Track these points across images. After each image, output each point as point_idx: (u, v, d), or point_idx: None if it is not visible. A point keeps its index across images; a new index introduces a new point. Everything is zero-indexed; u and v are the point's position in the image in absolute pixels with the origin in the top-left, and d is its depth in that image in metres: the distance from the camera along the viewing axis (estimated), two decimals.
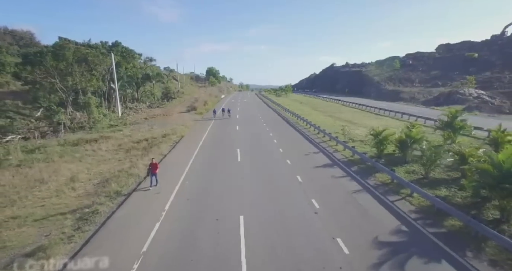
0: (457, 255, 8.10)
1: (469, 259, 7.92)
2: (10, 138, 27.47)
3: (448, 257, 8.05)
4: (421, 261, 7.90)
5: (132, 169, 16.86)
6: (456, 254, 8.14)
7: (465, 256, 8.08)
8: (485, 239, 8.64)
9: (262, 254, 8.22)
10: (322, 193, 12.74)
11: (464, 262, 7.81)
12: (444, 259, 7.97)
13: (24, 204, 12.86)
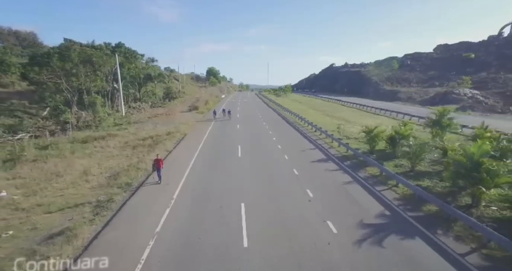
0: (429, 233, 9.37)
1: (438, 236, 9.20)
2: (21, 136, 28.70)
3: (421, 235, 9.32)
4: (398, 237, 9.17)
5: (140, 164, 18.10)
6: (428, 232, 9.42)
7: (436, 233, 9.36)
8: (455, 220, 9.90)
9: (261, 234, 9.46)
10: (316, 184, 14.01)
11: (433, 238, 9.08)
12: (417, 236, 9.24)
13: (45, 194, 14.13)
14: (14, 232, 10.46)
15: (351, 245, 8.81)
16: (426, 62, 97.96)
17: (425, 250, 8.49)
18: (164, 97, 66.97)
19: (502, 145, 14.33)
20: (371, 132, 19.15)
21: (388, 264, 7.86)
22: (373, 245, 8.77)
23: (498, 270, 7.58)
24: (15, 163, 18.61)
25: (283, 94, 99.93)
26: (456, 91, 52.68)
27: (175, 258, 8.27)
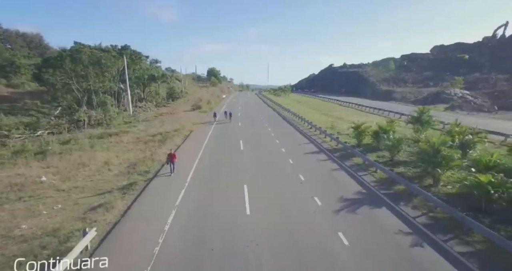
0: (393, 204, 11.84)
1: (400, 206, 11.67)
2: (40, 133, 31.22)
3: (388, 205, 11.79)
4: (369, 207, 11.63)
5: (154, 155, 20.56)
6: (393, 204, 11.88)
7: (399, 204, 11.83)
8: (416, 195, 12.37)
9: (260, 207, 11.89)
10: (307, 170, 16.46)
11: (396, 207, 11.55)
12: (384, 206, 11.71)
13: (77, 179, 16.58)
14: (62, 206, 12.93)
15: (331, 212, 11.27)
16: (422, 63, 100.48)
17: (388, 215, 10.96)
18: (167, 97, 69.44)
19: (466, 139, 16.80)
20: (358, 128, 21.62)
21: (358, 223, 10.32)
22: (348, 212, 11.23)
23: (435, 225, 10.07)
24: (44, 156, 21.09)
25: (283, 94, 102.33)
26: (447, 91, 55.15)
27: (193, 223, 10.71)
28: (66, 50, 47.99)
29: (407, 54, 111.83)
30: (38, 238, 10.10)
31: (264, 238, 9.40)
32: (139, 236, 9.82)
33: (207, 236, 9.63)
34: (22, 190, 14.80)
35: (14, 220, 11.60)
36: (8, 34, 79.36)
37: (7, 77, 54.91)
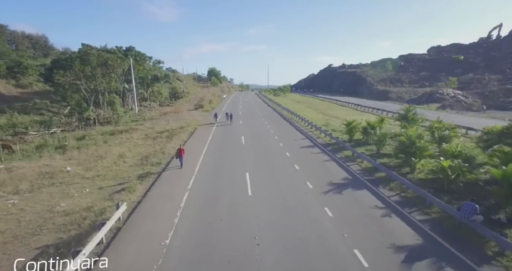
0: (373, 187, 13.96)
1: (379, 188, 13.80)
2: (54, 130, 33.34)
3: (368, 188, 13.91)
4: (352, 190, 13.74)
5: (164, 149, 22.68)
6: (373, 187, 14.00)
7: (378, 187, 13.95)
8: (393, 180, 14.48)
9: (260, 189, 13.99)
10: (302, 161, 18.57)
11: (375, 190, 13.67)
12: (365, 189, 13.82)
13: (97, 169, 18.69)
14: (89, 190, 15.05)
15: (320, 193, 13.38)
16: (418, 63, 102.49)
17: (367, 195, 13.08)
18: (170, 97, 71.55)
19: (444, 133, 18.93)
20: (350, 125, 23.72)
21: (341, 201, 12.43)
22: (334, 193, 13.35)
23: (404, 202, 12.20)
24: (64, 150, 23.22)
25: (282, 94, 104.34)
26: (440, 91, 57.25)
27: (205, 201, 12.80)
28: (74, 52, 50.05)
29: (405, 55, 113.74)
30: (76, 212, 12.21)
31: (264, 212, 11.50)
32: (160, 211, 11.93)
33: (217, 211, 11.72)
34: (52, 177, 16.94)
35: (53, 200, 13.74)
36: (15, 36, 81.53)
37: (15, 77, 57.02)
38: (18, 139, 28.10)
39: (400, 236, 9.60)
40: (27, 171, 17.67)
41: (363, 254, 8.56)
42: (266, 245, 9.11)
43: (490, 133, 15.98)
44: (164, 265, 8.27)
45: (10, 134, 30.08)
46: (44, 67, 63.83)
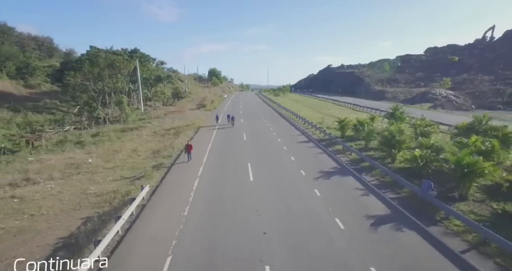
0: (357, 174, 16.29)
1: (363, 175, 16.13)
2: (67, 128, 35.68)
3: (353, 175, 16.24)
4: (339, 176, 16.08)
5: (173, 144, 24.98)
6: (358, 174, 16.33)
7: (361, 174, 16.29)
8: (375, 169, 16.81)
9: (260, 176, 16.29)
10: (298, 154, 20.89)
11: (359, 176, 16.00)
12: (350, 176, 16.16)
13: (115, 161, 21.00)
14: (112, 178, 17.37)
15: (311, 179, 15.71)
16: (415, 64, 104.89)
17: (351, 180, 15.41)
18: (173, 97, 73.86)
19: (424, 129, 21.27)
20: (342, 122, 26.04)
21: (329, 185, 14.75)
22: (324, 179, 15.68)
23: (381, 185, 14.54)
24: (83, 145, 25.54)
25: (282, 94, 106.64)
26: (433, 91, 59.58)
27: (213, 186, 15.08)
28: (83, 54, 52.35)
29: (402, 56, 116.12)
30: (105, 194, 14.54)
31: (263, 193, 13.80)
32: (176, 192, 14.24)
33: (223, 192, 14.03)
34: (78, 168, 19.28)
35: (83, 185, 16.08)
36: (22, 37, 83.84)
37: (24, 78, 59.35)
38: (37, 136, 30.40)
39: (373, 209, 11.93)
40: (55, 162, 20.02)
41: (342, 221, 10.88)
42: (265, 216, 11.43)
43: (459, 128, 18.31)
44: (184, 228, 10.58)
45: (29, 132, 32.39)
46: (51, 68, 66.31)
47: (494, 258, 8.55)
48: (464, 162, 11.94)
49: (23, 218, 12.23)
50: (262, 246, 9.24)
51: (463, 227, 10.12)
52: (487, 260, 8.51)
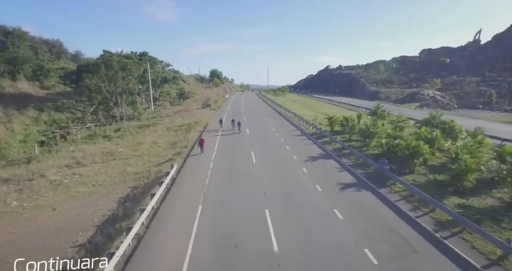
0: (338, 158, 20.66)
1: (341, 159, 20.50)
2: (89, 125, 40.07)
3: (335, 159, 20.61)
4: (323, 160, 20.44)
5: (186, 137, 29.33)
6: (338, 158, 20.71)
7: (341, 158, 20.66)
8: (352, 154, 21.17)
9: (262, 160, 20.64)
10: (292, 144, 25.24)
11: (339, 159, 20.37)
12: (332, 159, 20.53)
13: (141, 151, 25.33)
14: (142, 162, 21.72)
15: (301, 161, 20.06)
16: (409, 65, 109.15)
17: (332, 162, 19.78)
18: (178, 97, 78.26)
19: (399, 124, 25.64)
20: (331, 119, 30.41)
21: (314, 165, 19.10)
22: (311, 161, 20.04)
23: (354, 165, 18.91)
24: (109, 138, 29.90)
25: (281, 94, 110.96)
26: (422, 92, 63.91)
27: (224, 166, 19.42)
28: (98, 58, 56.74)
29: (397, 57, 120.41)
30: (141, 173, 18.91)
31: (263, 171, 18.12)
32: (197, 170, 18.56)
33: (233, 171, 18.35)
34: (112, 155, 23.63)
35: (121, 167, 20.44)
36: (34, 41, 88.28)
37: (39, 80, 63.69)
38: (65, 132, 34.78)
39: (345, 179, 16.29)
40: (92, 151, 24.38)
41: (320, 186, 15.23)
42: (265, 184, 15.77)
43: (420, 122, 22.65)
44: (207, 191, 14.89)
45: (56, 128, 36.76)
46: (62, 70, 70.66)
47: (413, 203, 12.95)
48: (410, 145, 16.30)
49: (88, 187, 16.63)
50: (263, 200, 13.58)
51: (402, 188, 14.49)
52: (408, 204, 12.91)
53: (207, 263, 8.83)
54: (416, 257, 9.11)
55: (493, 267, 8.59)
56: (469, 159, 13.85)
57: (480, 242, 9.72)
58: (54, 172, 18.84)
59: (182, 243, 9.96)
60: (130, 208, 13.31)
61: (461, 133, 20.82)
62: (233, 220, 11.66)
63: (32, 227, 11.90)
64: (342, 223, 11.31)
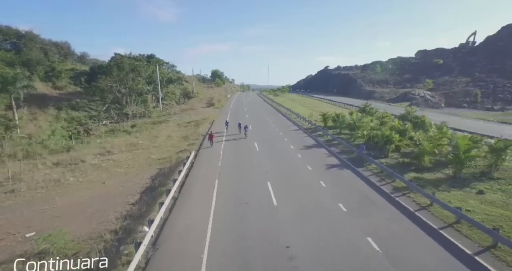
0: (328, 147, 24.55)
1: (331, 148, 24.39)
2: (105, 122, 43.96)
3: (325, 147, 24.50)
4: (315, 148, 24.34)
5: (197, 132, 33.21)
6: (328, 147, 24.60)
7: (330, 147, 24.56)
8: (340, 144, 25.05)
9: (263, 149, 24.52)
10: (289, 137, 29.12)
11: (328, 148, 24.25)
12: (323, 148, 24.43)
13: (158, 142, 29.20)
14: (162, 151, 25.60)
15: (297, 149, 23.95)
16: (405, 66, 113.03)
17: (322, 150, 23.66)
18: (183, 97, 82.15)
19: (383, 119, 29.53)
20: (324, 115, 34.29)
21: (308, 152, 22.97)
22: (305, 149, 23.93)
23: (341, 152, 22.82)
24: (129, 132, 33.79)
25: (281, 94, 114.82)
26: (413, 92, 67.77)
27: (232, 154, 23.31)
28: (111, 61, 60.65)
29: (393, 58, 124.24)
30: (164, 159, 22.81)
31: (265, 157, 21.97)
32: (211, 157, 22.43)
33: (241, 157, 22.20)
34: (135, 146, 27.51)
35: (145, 155, 24.32)
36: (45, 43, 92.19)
37: (51, 81, 67.57)
38: (86, 128, 38.67)
39: (331, 162, 20.16)
40: (117, 143, 28.30)
41: (311, 167, 19.08)
42: (267, 166, 19.64)
43: (398, 117, 26.54)
44: (220, 171, 18.73)
45: (77, 125, 40.66)
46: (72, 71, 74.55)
47: (381, 176, 16.87)
48: (385, 135, 20.18)
49: (123, 168, 20.55)
50: (265, 176, 17.44)
51: (375, 168, 18.38)
52: (377, 177, 16.83)
53: (227, 214, 12.64)
54: (374, 207, 12.98)
55: (422, 210, 12.47)
56: (427, 144, 17.73)
57: (419, 197, 13.59)
58: (91, 158, 22.76)
59: (207, 202, 13.80)
60: (162, 182, 17.20)
61: (431, 126, 24.76)
62: (243, 188, 15.52)
63: (93, 193, 15.82)
64: (325, 189, 15.19)
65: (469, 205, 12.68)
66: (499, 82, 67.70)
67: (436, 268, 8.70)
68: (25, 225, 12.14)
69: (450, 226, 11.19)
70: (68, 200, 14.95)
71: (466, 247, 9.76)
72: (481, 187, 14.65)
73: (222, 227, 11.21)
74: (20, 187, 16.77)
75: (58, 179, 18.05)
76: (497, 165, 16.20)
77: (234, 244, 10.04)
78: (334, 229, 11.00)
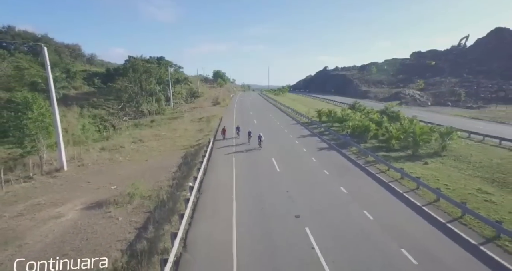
0: (321, 136, 29.95)
1: (323, 137, 29.79)
2: (125, 118, 49.31)
3: (318, 137, 29.91)
4: (310, 137, 29.74)
5: (210, 125, 38.57)
6: (321, 136, 30.00)
7: (322, 136, 29.96)
8: (330, 134, 30.45)
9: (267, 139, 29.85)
10: (289, 129, 34.50)
11: (321, 137, 29.65)
12: (316, 137, 29.84)
13: (179, 134, 34.54)
14: (183, 140, 30.95)
15: (295, 138, 29.34)
16: (399, 67, 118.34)
17: (316, 138, 29.08)
18: (190, 96, 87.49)
19: (369, 114, 34.93)
20: (319, 111, 39.71)
21: (304, 140, 28.35)
22: (302, 138, 29.33)
23: (330, 140, 28.20)
24: (151, 126, 39.16)
25: (281, 93, 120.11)
26: (404, 92, 73.14)
27: (242, 142, 28.67)
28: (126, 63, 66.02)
29: (389, 59, 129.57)
30: (186, 145, 28.21)
31: (269, 144, 27.32)
32: (226, 144, 27.76)
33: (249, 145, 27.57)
34: (159, 136, 32.86)
35: (170, 143, 29.66)
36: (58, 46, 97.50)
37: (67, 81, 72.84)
38: (110, 123, 44.00)
39: (322, 146, 25.55)
40: (144, 134, 33.68)
41: (306, 149, 24.45)
42: (271, 149, 24.98)
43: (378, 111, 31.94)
44: (235, 154, 24.11)
45: (102, 121, 46.01)
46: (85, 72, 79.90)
47: (358, 155, 22.28)
48: (364, 125, 25.58)
49: (156, 152, 25.93)
50: (270, 155, 22.78)
51: (356, 150, 23.78)
52: (355, 155, 22.26)
53: (245, 176, 17.95)
54: (348, 172, 18.40)
55: (382, 173, 17.91)
56: (395, 131, 23.12)
57: (381, 166, 19.01)
58: (128, 145, 28.14)
59: (228, 172, 19.04)
60: (191, 160, 22.56)
61: (404, 118, 30.18)
62: (253, 162, 20.93)
63: (142, 167, 21.22)
64: (315, 162, 20.58)
65: (413, 170, 18.11)
66: (483, 82, 73.08)
67: (383, 201, 14.12)
68: (107, 182, 17.52)
69: (396, 180, 16.65)
70: (126, 170, 20.33)
71: (401, 189, 15.23)
72: (428, 161, 20.07)
73: (242, 184, 16.60)
74: (87, 163, 22.17)
75: (111, 158, 23.42)
76: (444, 146, 21.57)
77: (252, 191, 15.42)
78: (318, 183, 16.42)
